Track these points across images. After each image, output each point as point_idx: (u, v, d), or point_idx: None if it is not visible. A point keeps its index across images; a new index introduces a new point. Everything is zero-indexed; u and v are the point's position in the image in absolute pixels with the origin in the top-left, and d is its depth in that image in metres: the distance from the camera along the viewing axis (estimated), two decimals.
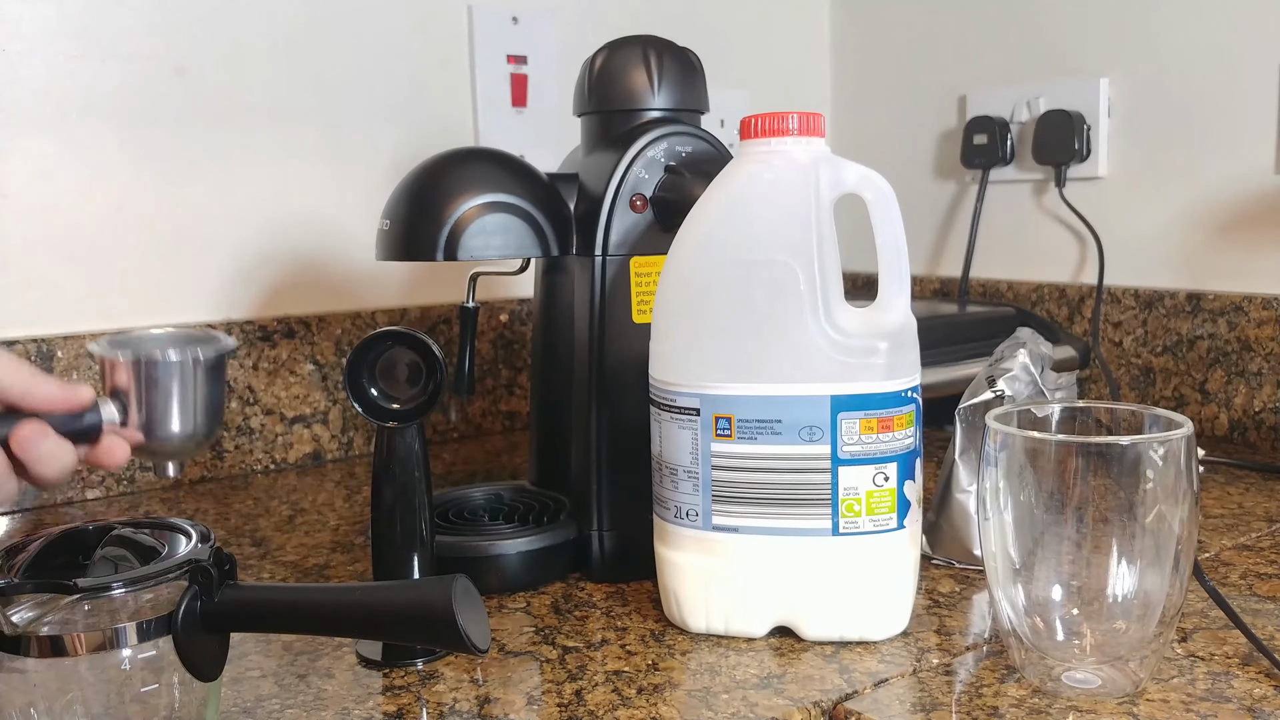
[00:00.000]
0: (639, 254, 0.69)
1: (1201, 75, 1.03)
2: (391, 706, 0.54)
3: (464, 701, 0.54)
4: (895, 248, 0.59)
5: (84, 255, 0.94)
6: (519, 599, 0.68)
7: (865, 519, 0.58)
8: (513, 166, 0.71)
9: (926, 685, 0.54)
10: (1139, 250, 1.10)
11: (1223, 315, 1.02)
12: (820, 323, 0.57)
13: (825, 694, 0.54)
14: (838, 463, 0.57)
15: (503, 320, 1.15)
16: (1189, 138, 1.05)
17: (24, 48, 0.90)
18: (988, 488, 0.54)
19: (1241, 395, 1.01)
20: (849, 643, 0.59)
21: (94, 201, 0.94)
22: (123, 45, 0.94)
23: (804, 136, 0.59)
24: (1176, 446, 0.50)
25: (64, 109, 0.92)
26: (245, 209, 1.01)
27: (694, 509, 0.60)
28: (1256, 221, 1.01)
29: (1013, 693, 0.53)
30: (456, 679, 0.57)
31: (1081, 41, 1.12)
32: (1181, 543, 0.51)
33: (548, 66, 1.14)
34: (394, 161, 1.08)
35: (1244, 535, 0.76)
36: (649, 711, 0.52)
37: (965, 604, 0.65)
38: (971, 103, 1.22)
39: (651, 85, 0.71)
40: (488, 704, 0.54)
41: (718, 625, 0.61)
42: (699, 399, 0.59)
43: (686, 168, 0.69)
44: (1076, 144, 1.10)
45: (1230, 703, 0.51)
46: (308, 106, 1.03)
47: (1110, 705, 0.51)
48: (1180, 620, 0.60)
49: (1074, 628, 0.53)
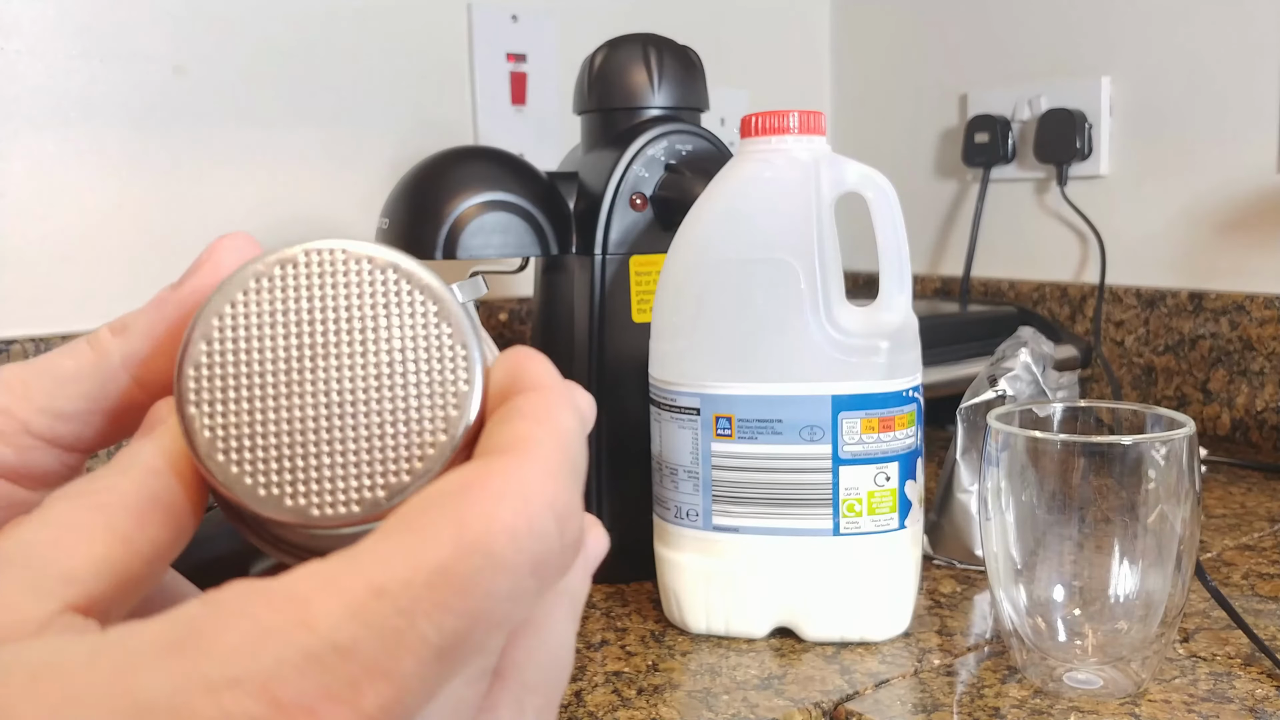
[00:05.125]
0: (639, 253, 0.69)
1: (1203, 74, 1.03)
2: None
3: None
4: (896, 247, 0.59)
5: (83, 255, 0.94)
6: None
7: (866, 519, 0.58)
8: (512, 165, 0.70)
9: (928, 686, 0.54)
10: (1141, 249, 1.09)
11: (1225, 314, 1.02)
12: (821, 322, 0.57)
13: (826, 695, 0.53)
14: (838, 462, 0.57)
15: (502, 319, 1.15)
16: (1191, 136, 1.04)
17: (23, 46, 0.90)
18: (989, 488, 0.53)
19: (1243, 395, 1.01)
20: (850, 643, 0.59)
21: (93, 201, 0.94)
22: (122, 44, 0.94)
23: (805, 135, 0.59)
24: (1178, 446, 0.50)
25: (63, 108, 0.92)
26: (245, 208, 1.01)
27: (694, 509, 0.60)
28: (1259, 220, 1.01)
29: (1014, 693, 0.53)
30: None
31: (1083, 40, 1.12)
32: (1183, 543, 0.51)
33: (547, 65, 1.14)
34: (393, 160, 1.07)
35: (1246, 535, 0.76)
36: (649, 712, 0.52)
37: (967, 604, 0.65)
38: (973, 101, 1.22)
39: (652, 83, 0.71)
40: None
41: (718, 626, 0.61)
42: (699, 398, 0.59)
43: (687, 166, 0.69)
44: (1078, 143, 1.10)
45: (1232, 703, 0.51)
46: (307, 105, 1.03)
47: (1112, 706, 0.51)
48: (1182, 620, 0.60)
49: (1076, 628, 0.52)
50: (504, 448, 0.20)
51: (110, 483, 0.22)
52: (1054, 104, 1.12)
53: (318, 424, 0.22)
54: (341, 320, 0.23)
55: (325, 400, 0.22)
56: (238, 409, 0.22)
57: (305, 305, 0.23)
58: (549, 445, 0.20)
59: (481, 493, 0.19)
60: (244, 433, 0.22)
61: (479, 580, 0.18)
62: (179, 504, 0.23)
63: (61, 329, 0.93)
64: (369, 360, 0.23)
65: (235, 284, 0.23)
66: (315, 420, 0.22)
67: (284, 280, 0.23)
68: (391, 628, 0.18)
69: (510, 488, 0.19)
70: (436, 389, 0.23)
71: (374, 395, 0.23)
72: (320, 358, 0.23)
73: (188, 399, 0.22)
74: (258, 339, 0.23)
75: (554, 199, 0.70)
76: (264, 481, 0.22)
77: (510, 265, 0.75)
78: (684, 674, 0.57)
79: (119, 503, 0.22)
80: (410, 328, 0.23)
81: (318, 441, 0.22)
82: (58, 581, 0.21)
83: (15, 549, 0.21)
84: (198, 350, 0.23)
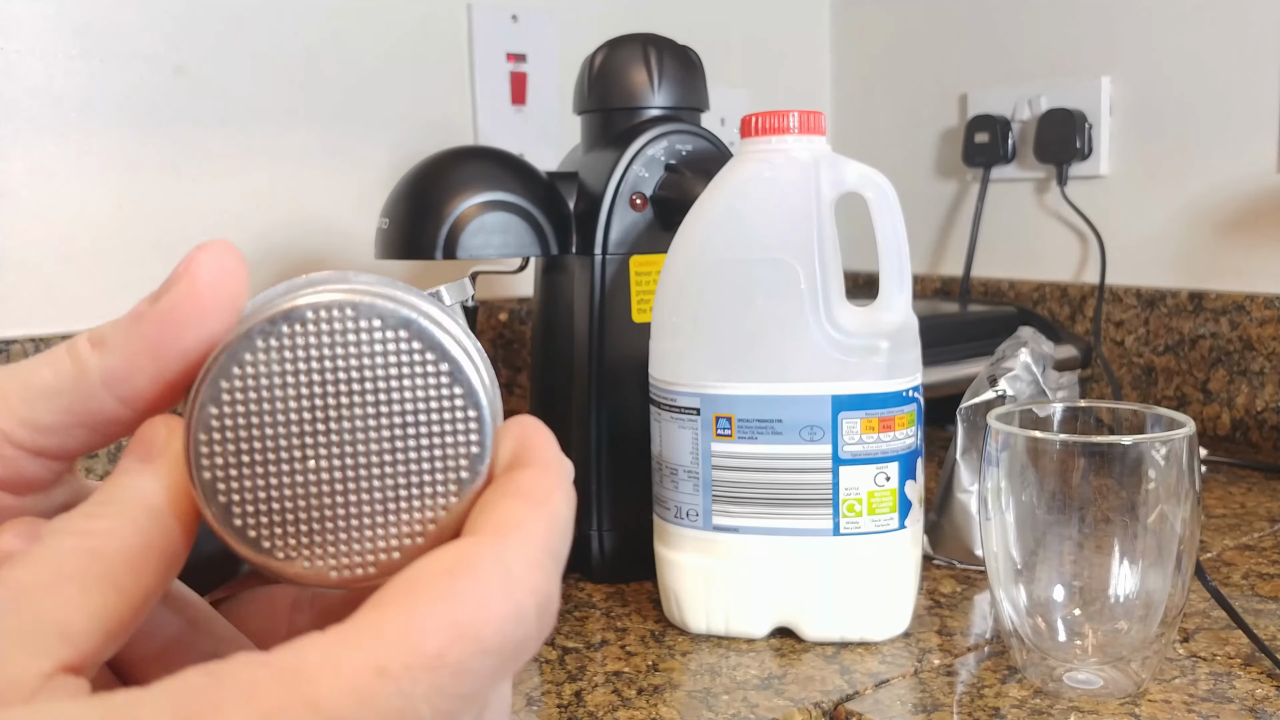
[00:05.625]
0: (639, 253, 0.69)
1: (1204, 74, 1.03)
2: None
3: None
4: (896, 246, 0.59)
5: (82, 255, 0.94)
6: None
7: (866, 519, 0.58)
8: (512, 165, 0.70)
9: (928, 686, 0.54)
10: (1141, 249, 1.09)
11: (1225, 314, 1.02)
12: (821, 322, 0.57)
13: (826, 695, 0.53)
14: (838, 462, 0.57)
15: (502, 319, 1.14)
16: (1191, 136, 1.04)
17: (23, 46, 0.90)
18: (989, 487, 0.53)
19: (1243, 395, 1.01)
20: (850, 643, 0.59)
21: (92, 201, 0.94)
22: (122, 44, 0.94)
23: (805, 135, 0.59)
24: (1178, 446, 0.50)
25: (63, 108, 0.92)
26: (244, 208, 1.01)
27: (694, 509, 0.60)
28: (1259, 220, 1.01)
29: (1014, 693, 0.53)
30: None
31: (1083, 40, 1.12)
32: (1183, 543, 0.51)
33: (547, 64, 1.14)
34: (393, 160, 1.07)
35: (1246, 535, 0.76)
36: (649, 712, 0.52)
37: (966, 604, 0.65)
38: (972, 101, 1.21)
39: (651, 83, 0.71)
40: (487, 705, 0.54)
41: (718, 626, 0.61)
42: (699, 398, 0.59)
43: (687, 166, 0.69)
44: (1078, 143, 1.10)
45: (1232, 703, 0.51)
46: (307, 105, 1.03)
47: (1112, 706, 0.51)
48: (1182, 621, 0.60)
49: (1076, 628, 0.52)
50: (497, 528, 0.21)
51: (109, 525, 0.22)
52: (1054, 104, 1.12)
53: (332, 487, 0.22)
54: (353, 383, 0.23)
55: (339, 464, 0.22)
56: (251, 473, 0.22)
57: (315, 366, 0.23)
58: (540, 532, 0.21)
59: (474, 580, 0.20)
60: (259, 497, 0.22)
61: (470, 665, 0.19)
62: (175, 548, 0.23)
63: (61, 329, 0.93)
64: (381, 423, 0.23)
65: (243, 345, 0.23)
66: (329, 484, 0.22)
67: (292, 340, 0.22)
68: (393, 709, 0.19)
69: (498, 579, 0.20)
70: (449, 451, 0.23)
71: (387, 458, 0.23)
72: (333, 420, 0.23)
73: (200, 464, 0.22)
74: (268, 401, 0.22)
75: (554, 199, 0.70)
76: (281, 545, 0.22)
77: (510, 265, 0.75)
78: (684, 674, 0.57)
79: (117, 550, 0.22)
80: (422, 389, 0.23)
81: (332, 505, 0.22)
82: (54, 639, 0.20)
83: (10, 599, 0.21)
84: (207, 414, 0.22)
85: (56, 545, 0.22)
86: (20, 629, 0.20)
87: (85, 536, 0.22)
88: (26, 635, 0.20)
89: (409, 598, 0.20)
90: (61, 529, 0.22)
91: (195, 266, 0.24)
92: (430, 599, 0.20)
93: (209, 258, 0.24)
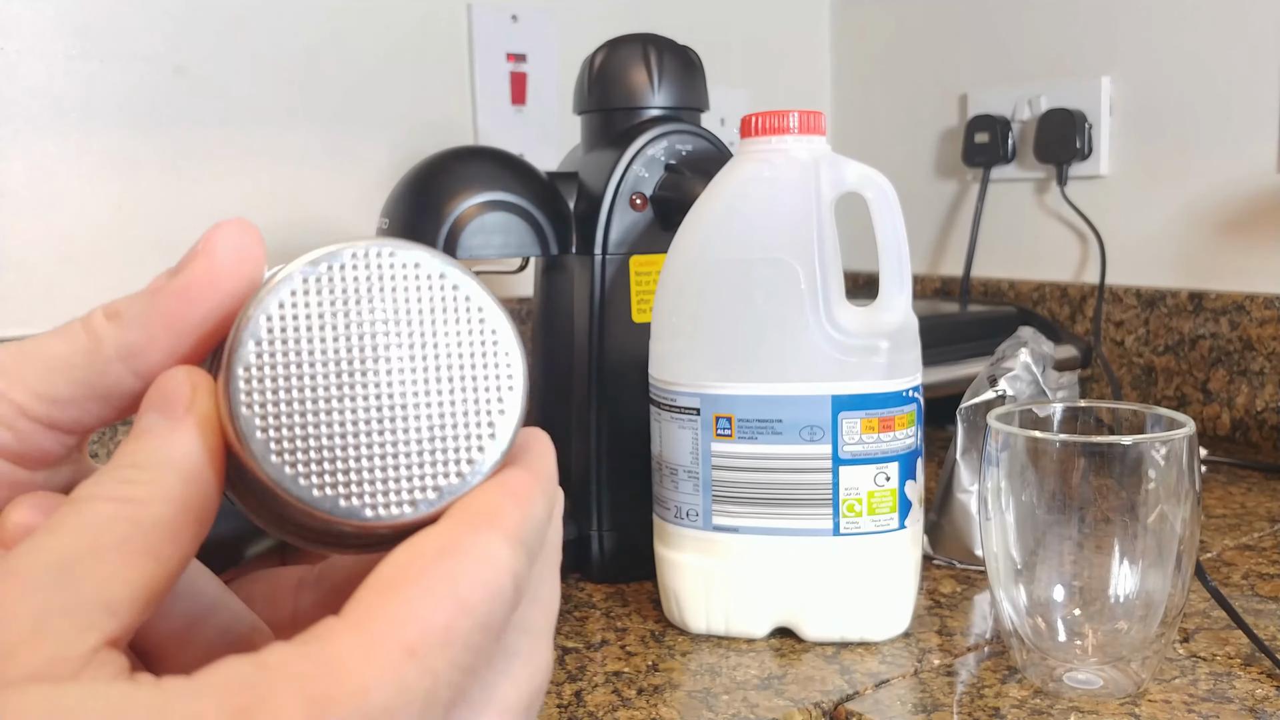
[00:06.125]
0: (639, 253, 0.69)
1: (1204, 74, 1.03)
2: None
3: None
4: (896, 246, 0.59)
5: (82, 255, 0.94)
6: None
7: (866, 519, 0.58)
8: (512, 165, 0.70)
9: (928, 686, 0.54)
10: (1141, 249, 1.09)
11: (1224, 314, 1.02)
12: (821, 322, 0.57)
13: (826, 695, 0.53)
14: (838, 462, 0.57)
15: None
16: (1191, 136, 1.04)
17: (22, 46, 0.90)
18: (989, 488, 0.53)
19: (1243, 395, 1.01)
20: (850, 643, 0.59)
21: (92, 201, 0.94)
22: (122, 44, 0.94)
23: (804, 135, 0.59)
24: (1178, 446, 0.50)
25: (62, 108, 0.92)
26: (244, 208, 1.01)
27: (694, 509, 0.60)
28: (1259, 220, 1.01)
29: (1014, 693, 0.53)
30: None
31: (1083, 40, 1.12)
32: (1183, 543, 0.51)
33: (547, 64, 1.14)
34: (393, 160, 1.07)
35: (1246, 535, 0.76)
36: (649, 712, 0.52)
37: (966, 604, 0.65)
38: (972, 101, 1.21)
39: (651, 83, 0.71)
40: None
41: (718, 626, 0.61)
42: (699, 398, 0.59)
43: (687, 166, 0.69)
44: (1078, 142, 1.10)
45: (1232, 703, 0.51)
46: (307, 105, 1.03)
47: (1112, 706, 0.51)
48: (1182, 621, 0.60)
49: (1076, 628, 0.52)
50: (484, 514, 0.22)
51: (147, 491, 0.22)
52: (1054, 104, 1.12)
53: (370, 426, 0.22)
54: (391, 324, 0.23)
55: (378, 403, 0.23)
56: (289, 410, 0.22)
57: (355, 308, 0.23)
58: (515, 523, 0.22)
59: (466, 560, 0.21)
60: (297, 434, 0.22)
61: (473, 639, 0.21)
62: (209, 511, 0.23)
63: None
64: (419, 364, 0.23)
65: (285, 283, 0.22)
66: (368, 422, 0.22)
67: (333, 281, 0.23)
68: (424, 689, 0.20)
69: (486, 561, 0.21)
70: (484, 393, 0.23)
71: (424, 399, 0.23)
72: (371, 360, 0.23)
73: (239, 400, 0.22)
74: (308, 340, 0.22)
75: (554, 199, 0.70)
76: (318, 483, 0.22)
77: (510, 265, 0.75)
78: (684, 674, 0.57)
79: (155, 518, 0.21)
80: (459, 333, 0.23)
81: (370, 444, 0.22)
82: (100, 612, 0.20)
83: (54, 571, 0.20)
84: (247, 350, 0.22)
85: (94, 512, 0.21)
86: (66, 601, 0.20)
87: (124, 503, 0.21)
88: (73, 607, 0.20)
89: (415, 578, 0.21)
90: (97, 495, 0.21)
91: (213, 243, 0.24)
92: (433, 578, 0.21)
93: (227, 235, 0.24)
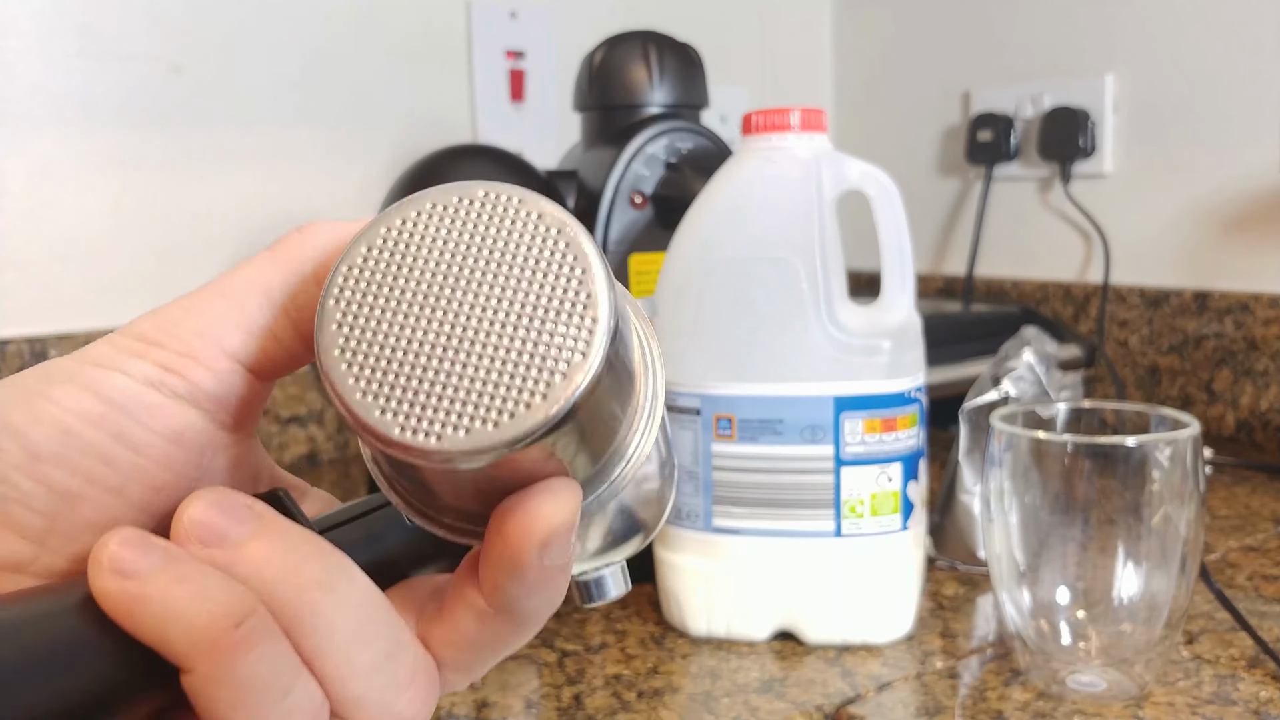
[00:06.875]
0: (639, 251, 0.69)
1: (1208, 72, 1.02)
2: None
3: (461, 705, 0.54)
4: (898, 245, 0.58)
5: (80, 254, 0.93)
6: None
7: (869, 520, 0.57)
8: (510, 163, 0.70)
9: (930, 689, 0.54)
10: (1145, 248, 1.09)
11: (1229, 314, 1.01)
12: (823, 321, 0.56)
13: (828, 698, 0.53)
14: (840, 464, 0.57)
15: None
16: (1195, 134, 1.04)
17: (21, 45, 0.89)
18: (992, 489, 0.53)
19: (1248, 395, 1.00)
20: (852, 646, 0.59)
21: (91, 200, 0.93)
22: (121, 44, 0.93)
23: (806, 132, 0.58)
24: (1183, 447, 0.50)
25: (61, 107, 0.91)
26: (242, 207, 1.01)
27: (694, 510, 0.60)
28: (1263, 219, 1.00)
29: (1018, 696, 0.52)
30: None
31: (1086, 38, 1.11)
32: (1188, 544, 0.50)
33: (547, 62, 1.14)
34: (392, 158, 1.07)
35: (1250, 536, 0.75)
36: (649, 716, 0.52)
37: (969, 606, 0.64)
38: (975, 99, 1.21)
39: (651, 81, 0.70)
40: (485, 708, 0.53)
41: (719, 628, 0.60)
42: (699, 399, 0.59)
43: (687, 164, 0.68)
44: (1082, 141, 1.09)
45: (1236, 705, 0.51)
46: (305, 104, 1.03)
47: (1116, 708, 0.51)
48: (1186, 622, 0.59)
49: (1079, 630, 0.52)
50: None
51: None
52: (1057, 102, 1.12)
53: (436, 351, 0.23)
54: (493, 261, 0.23)
55: (451, 330, 0.23)
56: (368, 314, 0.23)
57: (465, 236, 0.23)
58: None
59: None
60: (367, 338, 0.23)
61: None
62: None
63: (60, 329, 0.92)
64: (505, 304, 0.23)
65: (412, 203, 0.24)
66: (436, 348, 0.23)
67: (456, 211, 0.24)
68: None
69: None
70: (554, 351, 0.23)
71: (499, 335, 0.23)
72: (460, 290, 0.23)
73: (331, 292, 0.23)
74: (414, 255, 0.23)
75: (553, 197, 0.70)
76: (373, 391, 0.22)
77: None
78: (684, 677, 0.56)
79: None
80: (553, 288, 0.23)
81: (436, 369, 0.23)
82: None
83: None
84: (356, 252, 0.23)
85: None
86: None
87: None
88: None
89: None
90: None
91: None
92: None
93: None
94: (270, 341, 0.25)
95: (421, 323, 0.23)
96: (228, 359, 0.24)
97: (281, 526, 0.23)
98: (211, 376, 0.24)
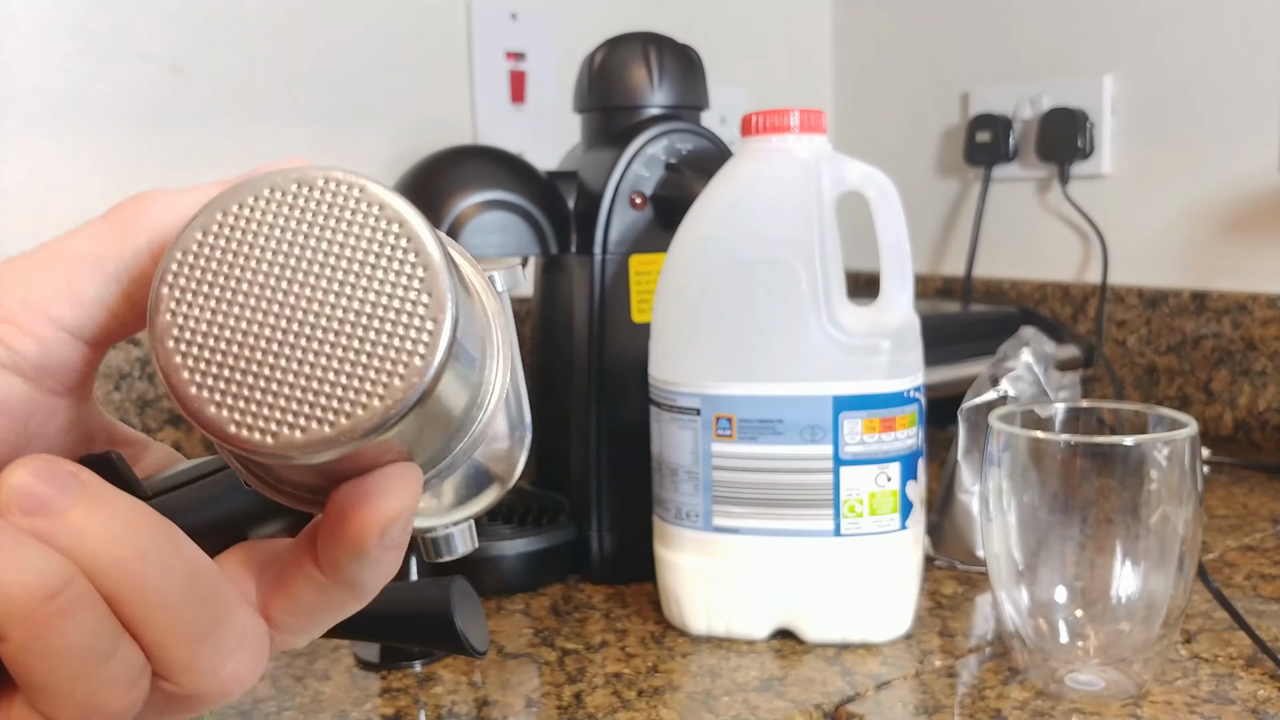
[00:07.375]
0: (639, 252, 0.69)
1: (1206, 72, 1.02)
2: (389, 709, 0.53)
3: (462, 704, 0.54)
4: (897, 246, 0.58)
5: None
6: (518, 600, 0.67)
7: (867, 520, 0.57)
8: (511, 164, 0.70)
9: (929, 688, 0.54)
10: (1143, 249, 1.09)
11: (1227, 314, 1.01)
12: (822, 322, 0.57)
13: (827, 696, 0.53)
14: (840, 463, 0.57)
15: None
16: (1194, 135, 1.04)
17: (20, 45, 0.89)
18: (991, 488, 0.53)
19: (1246, 395, 1.01)
20: (851, 645, 0.59)
21: (91, 200, 0.93)
22: (120, 43, 0.94)
23: (805, 133, 0.59)
24: (1181, 447, 0.50)
25: (61, 107, 0.91)
26: None
27: (694, 510, 0.60)
28: (1261, 220, 1.00)
29: (1016, 695, 0.52)
30: (455, 681, 0.56)
31: (1085, 38, 1.11)
32: (1186, 543, 0.51)
33: (547, 63, 1.14)
34: (392, 158, 1.07)
35: (1248, 536, 0.75)
36: (649, 714, 0.52)
37: (968, 606, 0.64)
38: (974, 100, 1.21)
39: (652, 82, 0.71)
40: (486, 706, 0.53)
41: (718, 627, 0.60)
42: (699, 399, 0.59)
43: (687, 165, 0.69)
44: (1080, 141, 1.09)
45: (1234, 704, 0.51)
46: (305, 104, 1.03)
47: (1114, 707, 0.51)
48: (1184, 622, 0.60)
49: (1077, 629, 0.52)
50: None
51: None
52: (1056, 103, 1.12)
53: (273, 346, 0.22)
54: (331, 255, 0.22)
55: (288, 325, 0.22)
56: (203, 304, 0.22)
57: (304, 228, 0.22)
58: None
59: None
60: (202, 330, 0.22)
61: None
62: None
63: None
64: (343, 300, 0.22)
65: (249, 186, 0.23)
66: (272, 342, 0.22)
67: (295, 198, 0.23)
68: None
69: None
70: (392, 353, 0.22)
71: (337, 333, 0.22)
72: (296, 284, 0.22)
73: (165, 279, 0.22)
74: (249, 244, 0.22)
75: (553, 198, 0.70)
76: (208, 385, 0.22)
77: (509, 265, 0.75)
78: (684, 676, 0.56)
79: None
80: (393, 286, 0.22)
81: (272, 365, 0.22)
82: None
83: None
84: (191, 236, 0.22)
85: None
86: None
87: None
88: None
89: None
90: None
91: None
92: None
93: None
94: (101, 311, 0.25)
95: (257, 315, 0.22)
96: (54, 327, 0.24)
97: (106, 495, 0.23)
98: (35, 344, 0.24)
